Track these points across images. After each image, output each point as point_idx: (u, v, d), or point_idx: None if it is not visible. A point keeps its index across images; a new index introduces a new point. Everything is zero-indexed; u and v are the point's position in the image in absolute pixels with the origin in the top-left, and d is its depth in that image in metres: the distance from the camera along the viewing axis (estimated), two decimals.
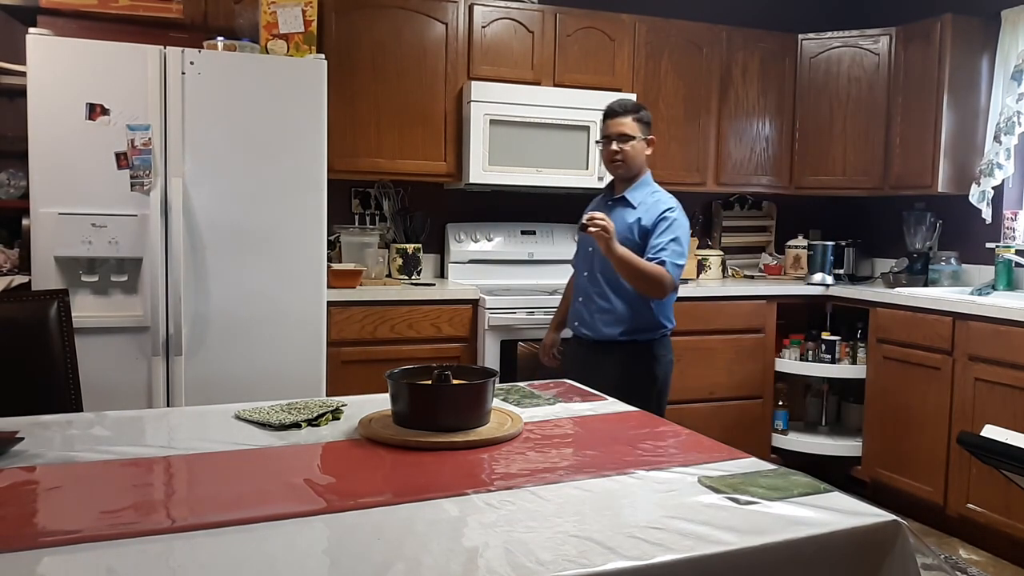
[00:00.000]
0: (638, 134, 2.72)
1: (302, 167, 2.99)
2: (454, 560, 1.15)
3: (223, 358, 2.93)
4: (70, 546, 1.17)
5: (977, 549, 3.27)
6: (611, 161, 2.75)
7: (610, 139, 2.73)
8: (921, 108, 3.91)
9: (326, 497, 1.39)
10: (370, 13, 3.55)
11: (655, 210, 2.69)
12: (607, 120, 2.75)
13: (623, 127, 2.71)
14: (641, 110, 2.75)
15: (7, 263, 3.10)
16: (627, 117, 2.71)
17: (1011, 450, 1.96)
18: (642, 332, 2.72)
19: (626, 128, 2.71)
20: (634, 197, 2.74)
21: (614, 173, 2.80)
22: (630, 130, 2.71)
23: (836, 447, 3.98)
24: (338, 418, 1.87)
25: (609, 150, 2.73)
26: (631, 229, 2.68)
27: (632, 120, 2.71)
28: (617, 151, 2.71)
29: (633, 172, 2.76)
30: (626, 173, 2.76)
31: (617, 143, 2.71)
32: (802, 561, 1.27)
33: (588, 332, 2.77)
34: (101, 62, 2.75)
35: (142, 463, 1.57)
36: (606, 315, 2.72)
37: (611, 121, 2.73)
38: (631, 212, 2.72)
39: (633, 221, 2.69)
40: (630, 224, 2.69)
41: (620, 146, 2.71)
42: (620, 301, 2.70)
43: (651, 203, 2.72)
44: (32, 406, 1.92)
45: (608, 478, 1.50)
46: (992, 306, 3.20)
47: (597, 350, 2.73)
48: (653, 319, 2.72)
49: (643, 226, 2.68)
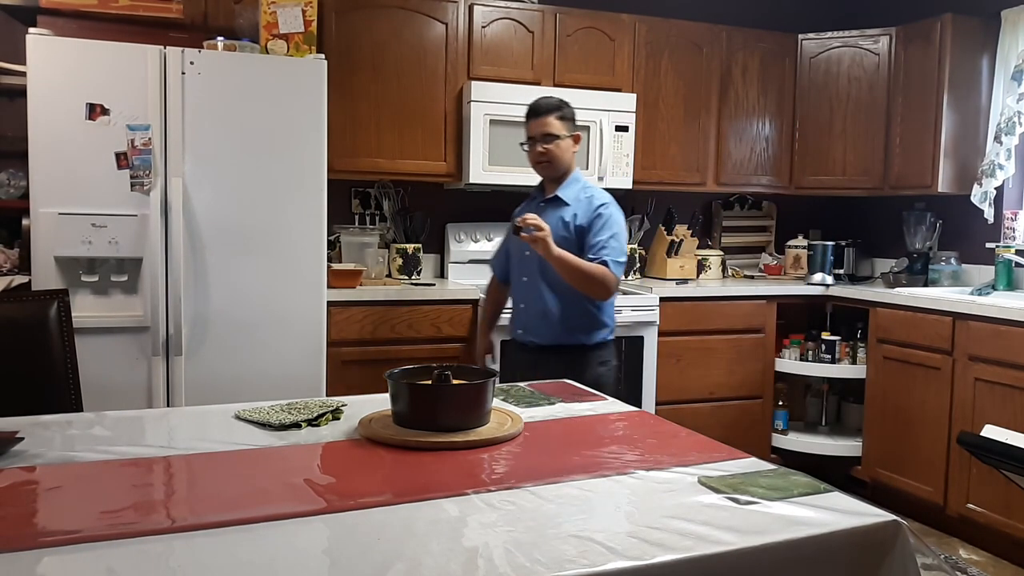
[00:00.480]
0: (563, 132, 2.65)
1: (302, 167, 2.99)
2: (454, 560, 1.15)
3: (223, 358, 2.93)
4: (70, 546, 1.17)
5: (977, 549, 3.27)
6: (537, 162, 2.68)
7: (534, 140, 2.66)
8: (921, 108, 3.91)
9: (326, 497, 1.38)
10: (370, 13, 3.55)
11: (589, 207, 2.64)
12: (529, 121, 2.68)
13: (547, 127, 2.63)
14: (564, 107, 2.67)
15: (7, 263, 3.10)
16: (550, 116, 2.63)
17: (1011, 450, 1.96)
18: (585, 335, 2.67)
19: (550, 127, 2.63)
20: (566, 195, 2.67)
21: (541, 174, 2.73)
22: (554, 129, 2.63)
23: (836, 447, 3.98)
24: (338, 418, 1.87)
25: (535, 152, 2.67)
26: (567, 228, 2.62)
27: (555, 119, 2.63)
28: (543, 152, 2.65)
29: (561, 171, 2.69)
30: (554, 173, 2.69)
31: (542, 144, 2.65)
32: (802, 561, 1.27)
33: (533, 338, 2.70)
34: (101, 62, 2.75)
35: (142, 463, 1.57)
36: (547, 319, 2.66)
37: (534, 121, 2.66)
38: (566, 210, 2.65)
39: (569, 219, 2.63)
40: (566, 223, 2.62)
41: (545, 147, 2.64)
42: (561, 304, 2.64)
43: (584, 200, 2.66)
44: (32, 406, 1.92)
45: (608, 478, 1.50)
46: (992, 306, 3.20)
47: (540, 355, 2.66)
48: (596, 321, 2.67)
49: (579, 225, 2.62)
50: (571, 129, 2.68)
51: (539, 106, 2.66)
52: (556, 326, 2.65)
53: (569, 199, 2.67)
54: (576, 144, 2.70)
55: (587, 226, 2.61)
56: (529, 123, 2.68)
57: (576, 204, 2.66)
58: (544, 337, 2.68)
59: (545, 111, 2.64)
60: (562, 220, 2.64)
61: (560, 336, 2.65)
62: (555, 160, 2.66)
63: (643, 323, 3.66)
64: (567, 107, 2.68)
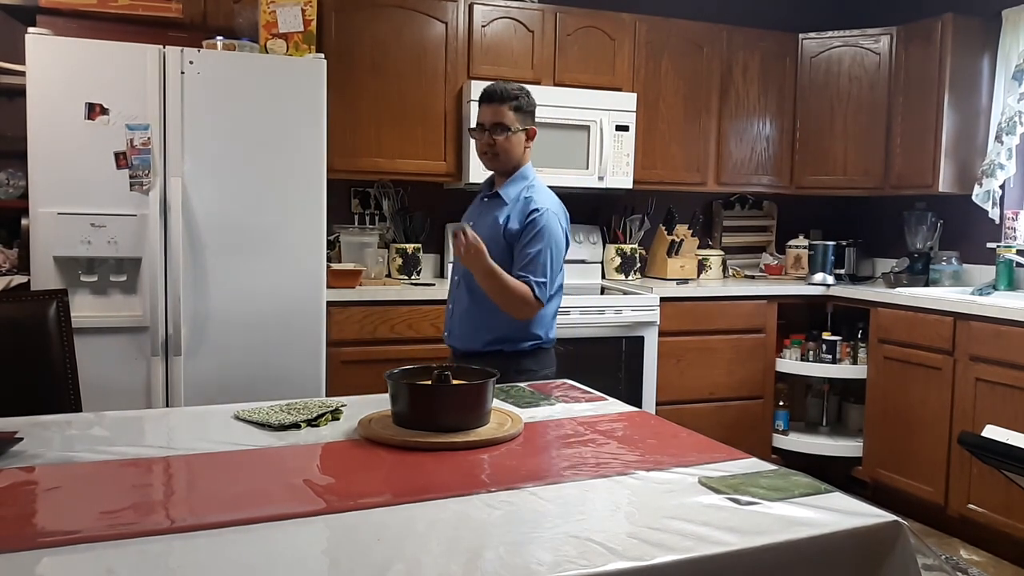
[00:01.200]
0: (516, 125, 2.38)
1: (302, 167, 2.99)
2: (454, 560, 1.15)
3: (222, 358, 2.92)
4: (69, 546, 1.17)
5: (978, 549, 3.26)
6: (483, 153, 2.43)
7: (483, 127, 2.40)
8: (922, 108, 3.91)
9: (326, 497, 1.38)
10: (370, 12, 3.54)
11: (524, 210, 2.38)
12: (482, 105, 2.40)
13: (500, 116, 2.37)
14: (521, 98, 2.40)
15: (6, 263, 3.10)
16: (505, 105, 2.37)
17: (1012, 450, 1.96)
18: (508, 343, 2.42)
19: (503, 117, 2.37)
20: (507, 193, 2.43)
21: (487, 166, 2.48)
22: (508, 120, 2.37)
23: (837, 447, 3.97)
24: (338, 418, 1.87)
25: (482, 140, 2.41)
26: (498, 229, 2.38)
27: (510, 109, 2.37)
28: (491, 142, 2.39)
29: (509, 166, 2.44)
30: (499, 167, 2.44)
31: (491, 133, 2.38)
32: (803, 562, 1.27)
33: (454, 343, 2.51)
34: (100, 62, 2.75)
35: (141, 463, 1.56)
36: (469, 324, 2.45)
37: (487, 107, 2.39)
38: (502, 210, 2.41)
39: (503, 221, 2.39)
40: (500, 223, 2.39)
41: (494, 137, 2.38)
42: (482, 309, 2.40)
43: (522, 201, 2.41)
44: (31, 406, 1.92)
45: (608, 478, 1.50)
46: (993, 306, 3.20)
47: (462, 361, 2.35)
48: (522, 329, 2.42)
49: (511, 229, 2.38)
50: (526, 123, 2.42)
51: (494, 92, 2.40)
52: (474, 332, 2.44)
53: (508, 198, 2.43)
54: (530, 140, 2.46)
55: (518, 232, 2.37)
56: (481, 108, 2.41)
57: (513, 205, 2.42)
58: (463, 343, 2.47)
59: (500, 98, 2.38)
60: (496, 220, 2.41)
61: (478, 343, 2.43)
62: (503, 154, 2.41)
63: (643, 323, 3.65)
64: (525, 97, 2.42)
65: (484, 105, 2.40)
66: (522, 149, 2.44)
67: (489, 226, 2.40)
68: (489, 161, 2.44)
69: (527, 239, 2.36)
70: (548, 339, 2.51)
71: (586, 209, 4.26)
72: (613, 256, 4.17)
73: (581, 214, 4.25)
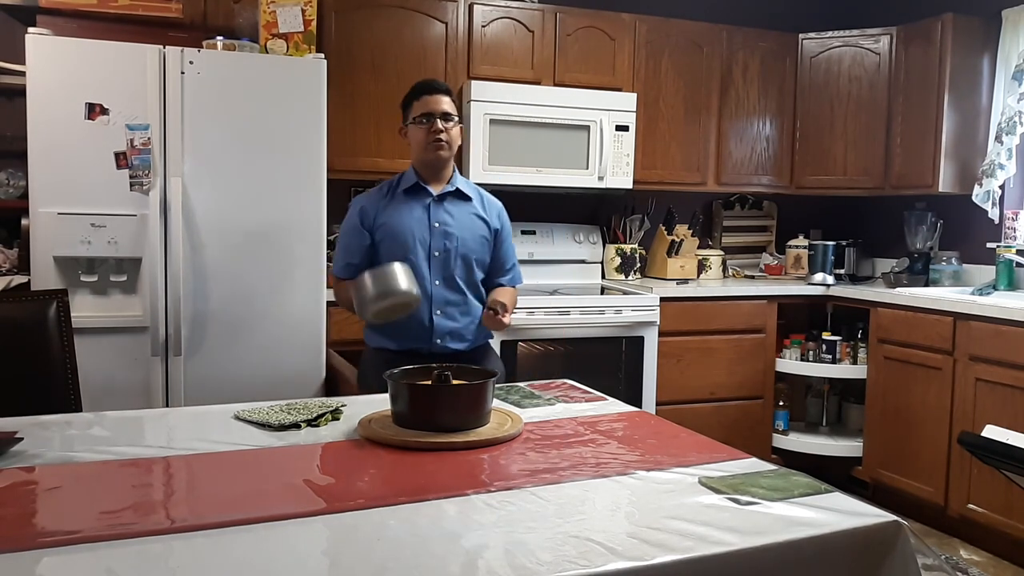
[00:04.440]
0: (457, 115, 2.42)
1: (302, 166, 2.99)
2: (454, 560, 1.15)
3: (222, 358, 2.92)
4: (69, 546, 1.17)
5: (978, 549, 3.26)
6: (435, 141, 2.36)
7: (433, 116, 2.36)
8: (922, 108, 3.91)
9: (326, 497, 1.38)
10: (370, 12, 3.54)
11: (492, 208, 2.51)
12: (424, 96, 2.38)
13: (446, 104, 2.37)
14: (452, 92, 2.46)
15: (6, 263, 3.10)
16: (447, 96, 2.40)
17: (1012, 450, 1.96)
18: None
19: (448, 106, 2.38)
20: (469, 190, 2.49)
21: (434, 158, 2.40)
22: (452, 109, 2.39)
23: (837, 447, 3.97)
24: (338, 418, 1.87)
25: (433, 129, 2.36)
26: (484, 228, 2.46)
27: (450, 100, 2.40)
28: (443, 130, 2.36)
29: (452, 158, 2.44)
30: (447, 159, 2.42)
31: (442, 121, 2.36)
32: (803, 562, 1.27)
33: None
34: (100, 62, 2.75)
35: (141, 463, 1.56)
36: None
37: (431, 98, 2.37)
38: (474, 207, 2.48)
39: (485, 218, 2.47)
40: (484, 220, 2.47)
41: (445, 124, 2.37)
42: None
43: (483, 197, 2.51)
44: (31, 406, 1.92)
45: (608, 478, 1.50)
46: (993, 306, 3.20)
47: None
48: None
49: (494, 226, 2.48)
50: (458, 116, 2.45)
51: (437, 83, 2.44)
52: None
53: (473, 195, 2.48)
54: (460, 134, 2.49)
55: (500, 228, 2.51)
56: (425, 99, 2.38)
57: (477, 200, 2.49)
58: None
59: (444, 90, 2.41)
60: (479, 218, 2.47)
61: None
62: (453, 143, 2.41)
63: (643, 323, 3.65)
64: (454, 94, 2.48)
65: (427, 96, 2.38)
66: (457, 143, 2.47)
67: (474, 225, 2.46)
68: (441, 151, 2.39)
69: (505, 235, 2.53)
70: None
71: (586, 209, 4.27)
72: (613, 256, 4.17)
73: (581, 214, 4.26)
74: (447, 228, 2.42)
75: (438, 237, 2.41)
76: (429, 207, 2.43)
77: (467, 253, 2.44)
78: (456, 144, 2.43)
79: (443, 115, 2.37)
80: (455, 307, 2.44)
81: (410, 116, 2.42)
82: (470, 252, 2.44)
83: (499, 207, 2.55)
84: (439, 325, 2.42)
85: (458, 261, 2.42)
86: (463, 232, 2.43)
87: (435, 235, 2.41)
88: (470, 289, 2.47)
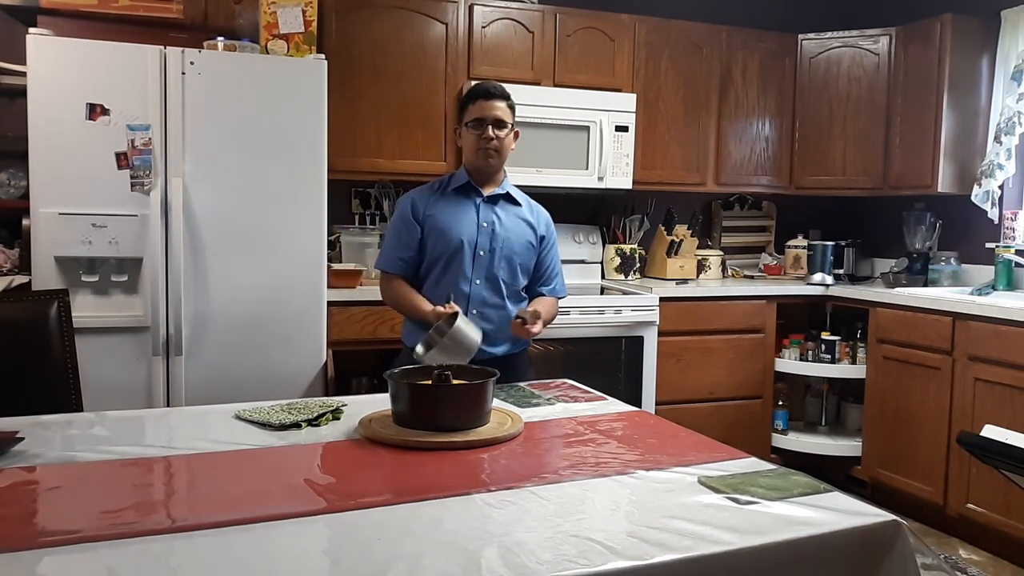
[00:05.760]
0: (512, 121, 2.38)
1: (302, 167, 2.99)
2: (454, 560, 1.15)
3: (223, 358, 2.93)
4: (70, 546, 1.17)
5: (977, 549, 3.27)
6: (485, 148, 2.34)
7: (484, 123, 2.33)
8: (921, 108, 3.91)
9: (326, 497, 1.39)
10: (370, 13, 3.55)
11: (541, 216, 2.50)
12: (479, 100, 2.35)
13: (499, 111, 2.34)
14: (511, 98, 2.40)
15: (7, 263, 3.10)
16: (504, 101, 2.36)
17: (1011, 450, 1.96)
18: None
19: (504, 113, 2.35)
20: (519, 197, 2.48)
21: (484, 164, 2.38)
22: (507, 116, 2.36)
23: (836, 447, 3.98)
24: (338, 418, 1.87)
25: (485, 136, 2.33)
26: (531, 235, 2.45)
27: (507, 106, 2.37)
28: (493, 137, 2.34)
29: (502, 165, 2.43)
30: (497, 166, 2.41)
31: (494, 128, 2.34)
32: (802, 561, 1.27)
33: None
34: (101, 62, 2.75)
35: (142, 463, 1.57)
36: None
37: (486, 103, 2.34)
38: (523, 212, 2.47)
39: (533, 223, 2.47)
40: (532, 226, 2.46)
41: (497, 132, 2.34)
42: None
43: (531, 205, 2.51)
44: (32, 406, 1.92)
45: (608, 478, 1.50)
46: (992, 306, 3.20)
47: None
48: None
49: (541, 233, 2.48)
50: (513, 122, 2.42)
51: (493, 88, 2.39)
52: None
53: (523, 202, 2.48)
54: (515, 140, 2.45)
55: (546, 236, 2.50)
56: (479, 103, 2.35)
57: (527, 207, 2.49)
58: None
59: (500, 95, 2.37)
60: (527, 223, 2.46)
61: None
62: (503, 151, 2.39)
63: (643, 323, 3.66)
64: (512, 99, 2.42)
65: (482, 101, 2.36)
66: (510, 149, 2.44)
67: (521, 229, 2.44)
68: (491, 159, 2.38)
69: (550, 245, 2.51)
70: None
71: (586, 209, 4.27)
72: (613, 256, 4.18)
73: (581, 214, 4.26)
74: (495, 228, 2.41)
75: (484, 236, 2.39)
76: (479, 207, 2.42)
77: (511, 255, 2.42)
78: (507, 152, 2.40)
79: (496, 122, 2.34)
80: (493, 308, 2.41)
81: (464, 119, 2.39)
82: (515, 255, 2.42)
83: (547, 217, 2.53)
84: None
85: (502, 262, 2.40)
86: (509, 234, 2.41)
87: (482, 234, 2.39)
88: (511, 294, 2.44)
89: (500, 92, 2.38)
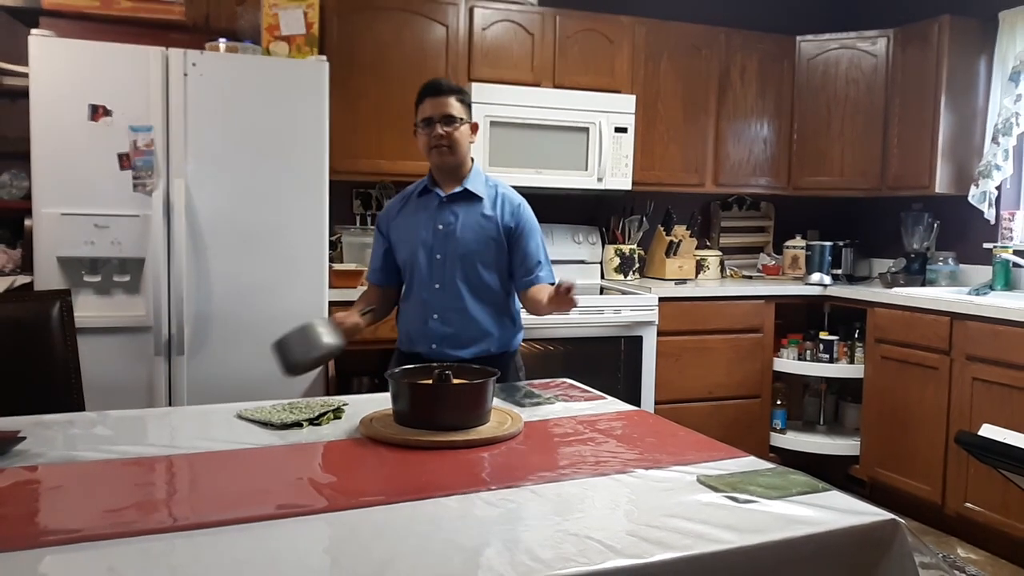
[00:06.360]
0: (463, 115, 2.35)
1: (304, 168, 3.00)
2: (454, 559, 1.16)
3: (225, 358, 2.93)
4: (72, 545, 1.18)
5: (975, 548, 3.28)
6: (436, 146, 2.33)
7: (432, 121, 2.32)
8: (919, 109, 3.92)
9: (327, 496, 1.39)
10: (371, 15, 3.55)
11: (507, 203, 2.41)
12: (427, 99, 2.34)
13: (447, 107, 2.31)
14: (463, 92, 2.39)
15: (10, 263, 3.11)
16: (452, 96, 2.33)
17: (1009, 449, 1.97)
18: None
19: (451, 108, 2.32)
20: (479, 190, 2.40)
21: (438, 161, 2.37)
22: (455, 111, 2.32)
23: (834, 446, 3.99)
24: (339, 417, 1.88)
25: (433, 133, 2.32)
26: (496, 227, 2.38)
27: (456, 100, 2.34)
28: (443, 134, 2.31)
29: (459, 160, 2.38)
30: (454, 161, 2.36)
31: (442, 125, 2.32)
32: (800, 560, 1.28)
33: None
34: (103, 63, 2.76)
35: (144, 462, 1.57)
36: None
37: (433, 100, 2.32)
38: (483, 206, 2.39)
39: (492, 215, 2.39)
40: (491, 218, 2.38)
41: (445, 129, 2.31)
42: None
43: (499, 196, 2.42)
44: (34, 406, 1.93)
45: (607, 477, 1.51)
46: (990, 306, 3.21)
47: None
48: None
49: (506, 224, 2.38)
50: (469, 115, 2.39)
51: (440, 84, 2.37)
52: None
53: (483, 194, 2.41)
54: (473, 133, 2.41)
55: (514, 227, 2.39)
56: (425, 102, 2.34)
57: (489, 199, 2.41)
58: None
59: (447, 90, 2.35)
60: (484, 216, 2.38)
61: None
62: (455, 146, 2.34)
63: (642, 323, 3.67)
64: (466, 93, 2.42)
65: (430, 99, 2.34)
66: (468, 143, 2.40)
67: (479, 225, 2.36)
68: (443, 155, 2.35)
69: (528, 234, 2.39)
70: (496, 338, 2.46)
71: (585, 210, 4.28)
72: (612, 256, 4.19)
73: (580, 215, 4.27)
74: (449, 230, 2.37)
75: (440, 239, 2.36)
76: (436, 209, 2.40)
77: (468, 254, 2.37)
78: (464, 146, 2.36)
79: (445, 118, 2.32)
80: (454, 312, 2.36)
81: (415, 120, 2.40)
82: (472, 254, 2.37)
83: (516, 204, 2.43)
84: (433, 329, 2.37)
85: (457, 264, 2.35)
86: (465, 233, 2.36)
87: (437, 237, 2.36)
88: (476, 293, 2.37)
89: (448, 87, 2.36)
